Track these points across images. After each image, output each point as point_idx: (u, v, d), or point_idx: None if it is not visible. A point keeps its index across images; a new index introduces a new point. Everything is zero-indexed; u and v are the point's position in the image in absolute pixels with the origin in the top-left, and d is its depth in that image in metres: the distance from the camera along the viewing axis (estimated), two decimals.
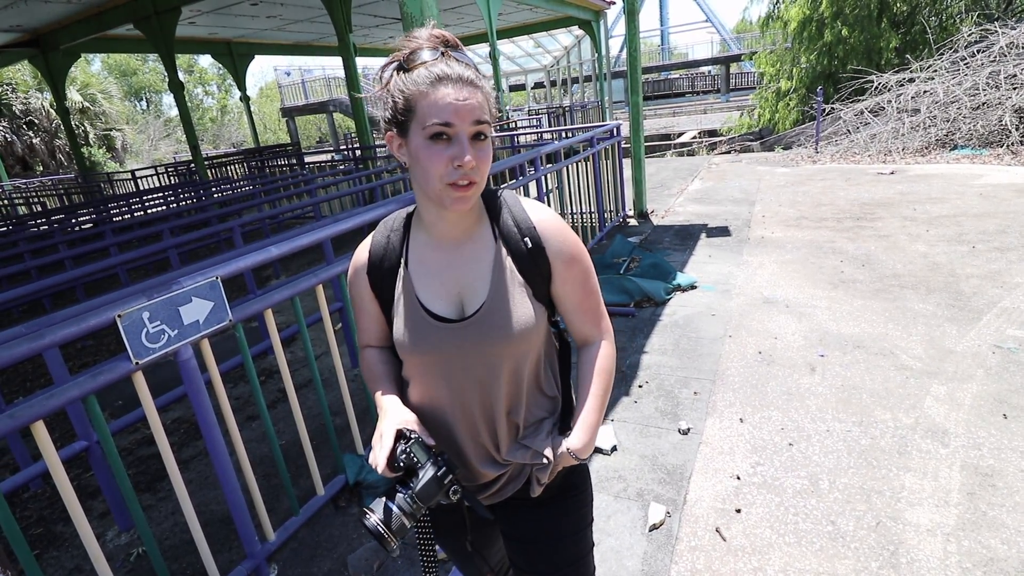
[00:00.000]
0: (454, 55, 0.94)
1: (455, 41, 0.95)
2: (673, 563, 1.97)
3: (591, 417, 1.08)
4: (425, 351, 1.03)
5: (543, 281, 1.04)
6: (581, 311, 1.09)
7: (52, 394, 1.50)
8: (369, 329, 1.14)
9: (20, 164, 21.24)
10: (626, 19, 6.69)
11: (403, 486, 0.94)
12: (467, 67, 0.93)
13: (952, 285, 3.93)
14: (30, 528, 2.61)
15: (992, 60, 9.31)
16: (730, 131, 15.72)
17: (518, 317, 1.00)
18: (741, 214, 6.53)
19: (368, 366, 1.15)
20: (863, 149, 9.61)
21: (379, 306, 1.10)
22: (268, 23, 11.43)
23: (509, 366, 1.03)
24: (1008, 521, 1.97)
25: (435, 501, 0.94)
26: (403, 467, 0.94)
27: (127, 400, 3.76)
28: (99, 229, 6.01)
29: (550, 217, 1.06)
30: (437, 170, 0.91)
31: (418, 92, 0.90)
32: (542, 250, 1.03)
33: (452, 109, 0.89)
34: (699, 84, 36.23)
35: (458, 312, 1.02)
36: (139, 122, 34.62)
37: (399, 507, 0.91)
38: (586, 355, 1.12)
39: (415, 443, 0.95)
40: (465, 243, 1.03)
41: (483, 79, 0.95)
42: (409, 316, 1.03)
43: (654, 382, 3.16)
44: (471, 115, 0.90)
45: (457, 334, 1.01)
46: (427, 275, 1.04)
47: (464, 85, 0.90)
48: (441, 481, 0.93)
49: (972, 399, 2.67)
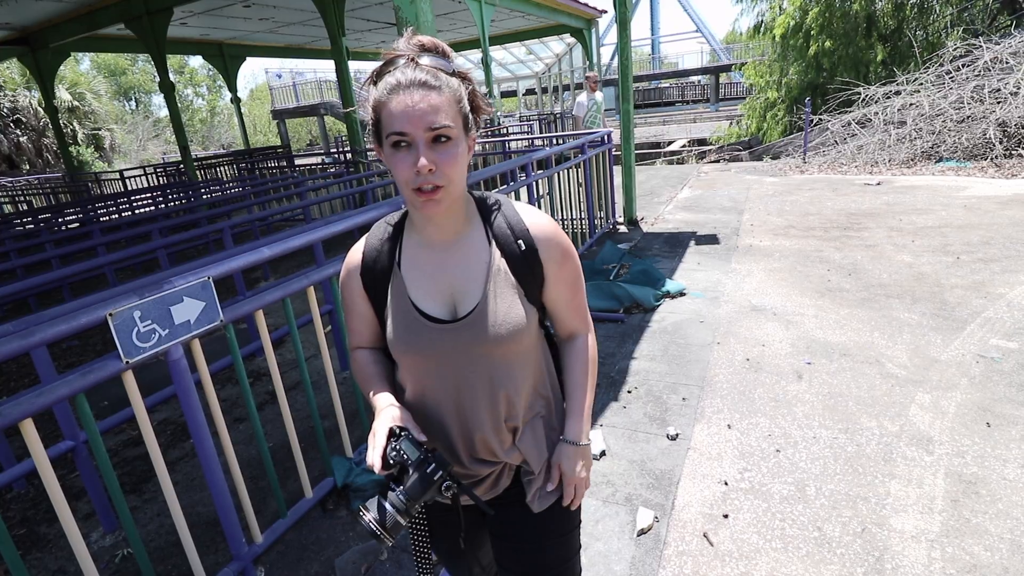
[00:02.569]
0: (424, 60, 0.93)
1: (433, 45, 0.95)
2: (661, 568, 1.98)
3: (583, 405, 1.13)
4: (419, 351, 1.03)
5: (535, 283, 1.06)
6: (570, 309, 1.13)
7: (41, 392, 1.49)
8: (360, 331, 1.14)
9: (6, 162, 20.98)
10: (618, 28, 6.75)
11: (396, 483, 0.94)
12: (428, 70, 0.91)
13: (937, 295, 3.99)
14: (13, 529, 2.57)
15: (977, 74, 9.49)
16: (719, 140, 15.87)
17: (511, 318, 1.02)
18: (730, 222, 6.59)
19: (360, 367, 1.15)
20: (850, 160, 9.75)
21: (372, 308, 1.11)
22: (261, 25, 11.39)
23: (501, 366, 1.04)
24: (991, 528, 2.00)
25: (427, 498, 0.94)
26: (395, 464, 0.95)
27: (113, 400, 3.72)
28: (87, 228, 5.95)
29: (543, 220, 1.07)
30: (402, 177, 0.93)
31: (380, 103, 0.92)
32: (535, 252, 1.04)
33: (405, 117, 0.89)
34: (689, 93, 36.58)
35: (451, 313, 1.03)
36: (128, 122, 34.31)
37: (392, 505, 0.92)
38: (573, 346, 1.16)
39: (405, 440, 0.95)
40: (458, 245, 1.04)
41: (448, 78, 0.93)
42: (402, 317, 1.04)
43: (643, 388, 3.17)
44: (423, 120, 0.89)
45: (450, 335, 1.02)
46: (420, 276, 1.05)
47: (417, 89, 0.89)
48: (431, 478, 0.93)
49: (956, 407, 2.71)
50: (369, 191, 7.38)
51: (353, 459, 2.63)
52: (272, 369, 2.25)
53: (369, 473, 2.53)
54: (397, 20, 2.37)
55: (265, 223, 8.09)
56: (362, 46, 14.81)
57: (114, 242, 5.02)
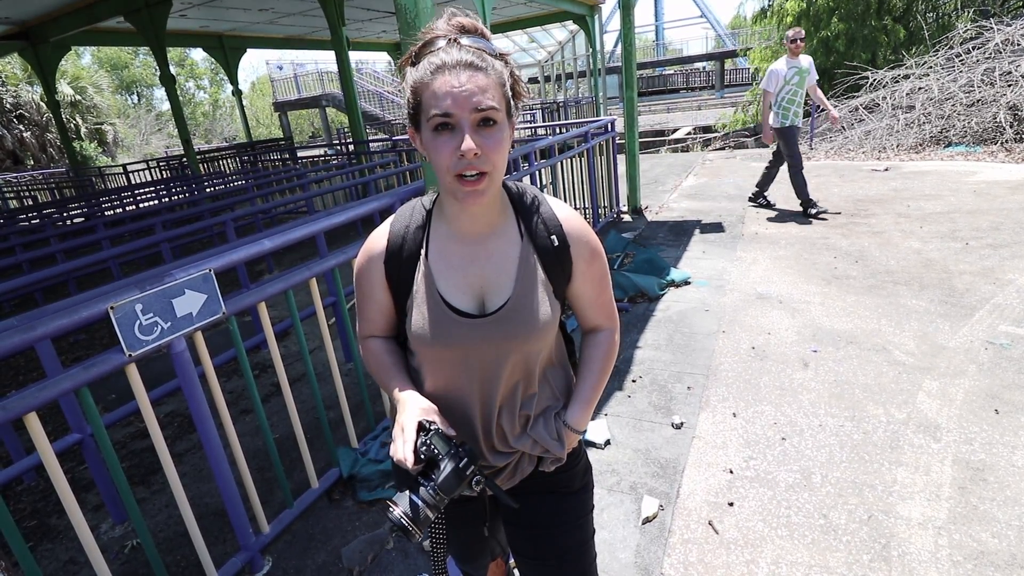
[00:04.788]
0: (466, 41, 0.89)
1: (473, 26, 0.92)
2: (666, 555, 1.98)
3: (590, 394, 1.12)
4: (447, 345, 1.01)
5: (564, 279, 1.05)
6: (597, 306, 1.12)
7: (45, 386, 1.49)
8: (375, 320, 1.11)
9: (10, 158, 21.03)
10: (621, 14, 6.67)
11: (425, 478, 0.93)
12: (473, 51, 0.88)
13: (945, 281, 3.95)
14: (24, 521, 2.60)
15: (987, 57, 9.34)
16: (724, 127, 15.72)
17: (541, 314, 1.00)
18: (735, 210, 6.54)
19: (375, 357, 1.12)
20: (857, 146, 9.65)
21: (392, 297, 1.07)
22: (260, 16, 11.32)
23: (526, 360, 1.04)
24: (999, 515, 1.99)
25: (458, 492, 0.93)
26: (424, 459, 0.94)
27: (120, 393, 3.75)
28: (91, 223, 5.96)
29: (574, 216, 1.06)
30: (444, 162, 0.88)
31: (422, 84, 0.88)
32: (567, 248, 1.02)
33: (450, 98, 0.85)
34: (694, 80, 36.22)
35: (478, 307, 1.01)
36: (130, 116, 34.36)
37: (423, 500, 0.91)
38: (594, 339, 1.15)
39: (435, 435, 0.94)
40: (489, 238, 1.02)
41: (493, 60, 0.90)
42: (430, 309, 1.01)
43: (647, 377, 3.17)
44: (470, 102, 0.85)
45: (480, 329, 1.00)
46: (448, 268, 1.02)
47: (463, 70, 0.86)
48: (463, 472, 0.92)
49: (964, 394, 2.69)
50: (372, 182, 7.36)
51: (358, 450, 2.64)
52: (276, 361, 2.25)
53: (374, 464, 2.54)
54: (396, 8, 2.33)
55: (268, 216, 8.08)
56: (363, 36, 14.72)
57: (118, 236, 5.03)
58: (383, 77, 22.17)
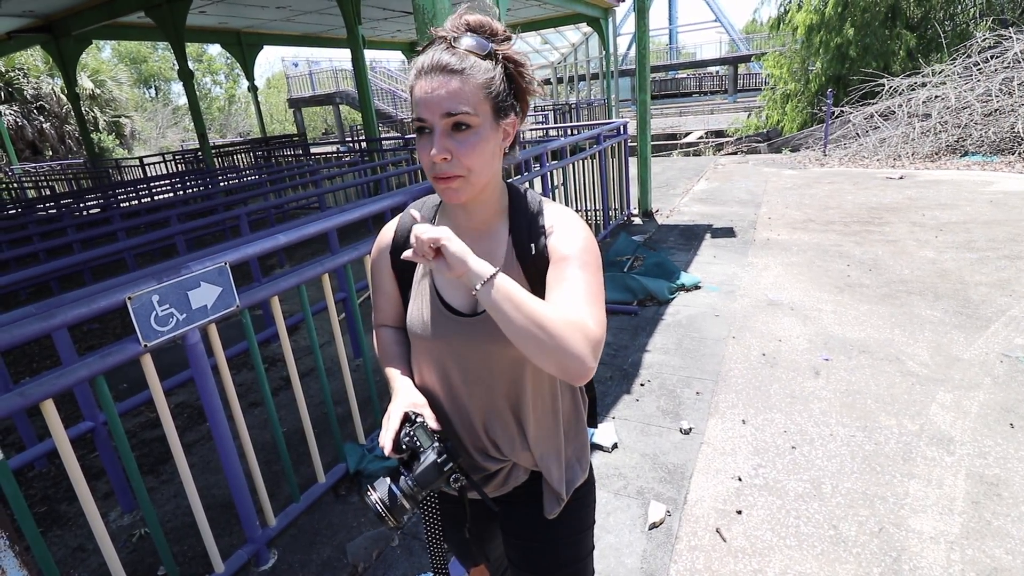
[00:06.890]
0: (465, 40, 0.87)
1: (479, 24, 0.90)
2: (672, 562, 1.97)
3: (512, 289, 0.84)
4: (434, 340, 1.02)
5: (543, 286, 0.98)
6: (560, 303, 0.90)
7: (62, 373, 1.51)
8: (385, 309, 1.14)
9: (30, 148, 21.31)
10: (636, 17, 6.66)
11: (406, 468, 0.95)
12: (457, 53, 0.86)
13: (960, 292, 3.91)
14: (35, 506, 2.63)
15: (1006, 66, 9.24)
16: (737, 132, 15.63)
17: None
18: (747, 215, 6.50)
19: (383, 345, 1.15)
20: (872, 153, 9.56)
21: (398, 287, 1.11)
22: (277, 14, 11.41)
23: (513, 367, 1.01)
24: (1013, 531, 1.96)
25: (435, 487, 0.94)
26: (407, 450, 0.95)
27: (132, 383, 3.78)
28: (107, 214, 6.03)
29: (566, 223, 0.99)
30: (423, 163, 0.90)
31: (411, 86, 0.90)
32: (544, 253, 0.98)
33: (423, 103, 0.86)
34: (707, 84, 36.07)
35: (472, 307, 1.01)
36: (148, 110, 34.69)
37: (400, 489, 0.93)
38: None
39: (419, 427, 0.95)
40: (484, 237, 1.02)
41: (477, 62, 0.87)
42: (424, 303, 1.03)
43: (656, 381, 3.15)
44: (440, 107, 0.85)
45: (466, 329, 1.00)
46: None
47: (437, 74, 0.85)
48: (441, 468, 0.93)
49: (979, 407, 2.66)
50: (384, 180, 7.39)
51: (365, 446, 2.65)
52: (287, 355, 2.26)
53: (381, 460, 2.54)
54: (414, 8, 2.34)
55: (281, 210, 8.14)
56: (378, 35, 14.80)
57: (134, 227, 5.09)
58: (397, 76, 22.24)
